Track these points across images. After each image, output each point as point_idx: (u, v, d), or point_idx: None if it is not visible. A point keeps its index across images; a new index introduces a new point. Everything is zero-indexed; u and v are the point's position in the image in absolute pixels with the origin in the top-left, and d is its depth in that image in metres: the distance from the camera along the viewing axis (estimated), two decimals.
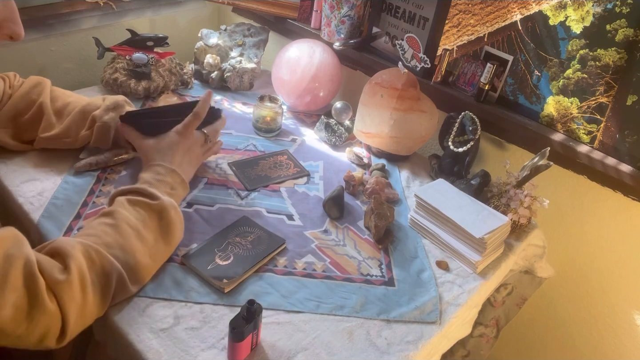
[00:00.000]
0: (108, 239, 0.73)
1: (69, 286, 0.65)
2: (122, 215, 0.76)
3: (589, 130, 1.08)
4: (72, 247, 0.68)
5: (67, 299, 0.64)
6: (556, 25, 1.07)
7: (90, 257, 0.70)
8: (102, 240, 0.73)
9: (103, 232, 0.74)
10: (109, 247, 0.73)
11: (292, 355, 0.73)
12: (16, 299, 0.60)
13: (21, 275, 0.61)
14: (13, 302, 0.60)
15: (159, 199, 0.81)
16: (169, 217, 0.81)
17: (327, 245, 0.95)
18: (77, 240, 0.71)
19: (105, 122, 1.01)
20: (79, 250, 0.69)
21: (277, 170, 1.14)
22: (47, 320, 0.63)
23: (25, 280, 0.61)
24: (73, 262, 0.67)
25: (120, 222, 0.76)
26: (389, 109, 1.15)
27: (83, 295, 0.67)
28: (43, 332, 0.63)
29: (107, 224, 0.75)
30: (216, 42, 1.47)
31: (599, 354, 1.25)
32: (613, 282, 1.17)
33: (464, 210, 0.98)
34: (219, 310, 0.78)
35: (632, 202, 1.07)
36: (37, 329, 0.62)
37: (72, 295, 0.65)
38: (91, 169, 1.02)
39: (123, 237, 0.74)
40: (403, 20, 1.29)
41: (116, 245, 0.73)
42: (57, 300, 0.64)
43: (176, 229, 0.82)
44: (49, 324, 0.63)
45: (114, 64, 1.33)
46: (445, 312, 0.85)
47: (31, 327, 0.62)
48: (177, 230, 0.83)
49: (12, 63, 1.33)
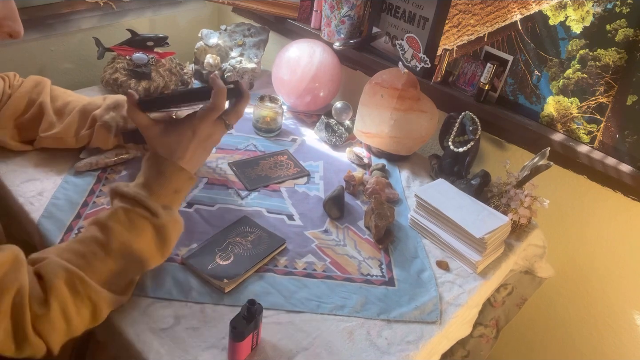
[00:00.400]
0: (97, 263, 0.69)
1: (48, 320, 0.63)
2: (115, 231, 0.71)
3: (589, 130, 1.08)
4: (54, 275, 0.64)
5: (48, 332, 0.63)
6: (556, 25, 1.08)
7: (73, 287, 0.66)
8: (89, 265, 0.68)
9: (92, 254, 0.69)
10: (97, 273, 0.68)
11: (292, 355, 0.73)
12: (5, 327, 0.60)
13: (10, 304, 0.60)
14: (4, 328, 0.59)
15: (158, 216, 0.74)
16: (167, 234, 0.75)
17: (328, 245, 0.95)
18: (62, 264, 0.66)
19: (105, 122, 1.00)
20: (62, 279, 0.65)
21: (277, 170, 1.14)
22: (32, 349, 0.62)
23: (12, 311, 0.60)
24: (53, 295, 0.63)
25: (111, 239, 0.70)
26: (389, 109, 1.15)
27: (67, 323, 0.65)
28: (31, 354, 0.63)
29: (98, 243, 0.70)
30: (216, 42, 1.47)
31: (599, 354, 1.25)
32: (613, 282, 1.17)
33: (464, 210, 0.98)
34: (220, 310, 0.78)
35: (632, 202, 1.07)
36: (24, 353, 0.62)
37: (52, 328, 0.63)
38: (91, 169, 1.02)
39: (113, 258, 0.70)
40: (403, 20, 1.29)
41: (104, 269, 0.69)
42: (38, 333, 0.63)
43: (173, 242, 0.77)
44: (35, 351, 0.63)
45: (114, 64, 1.33)
46: (445, 312, 0.85)
47: (18, 352, 0.62)
48: (174, 242, 0.78)
49: (12, 63, 1.33)
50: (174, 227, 0.76)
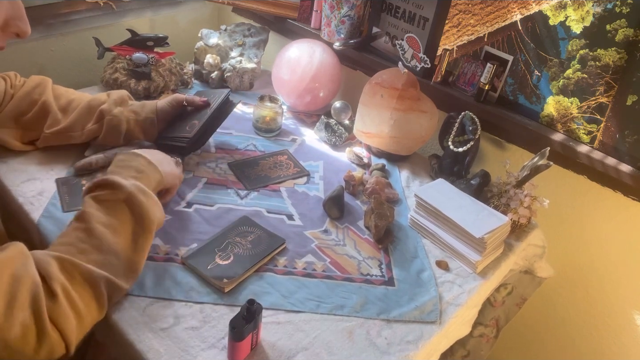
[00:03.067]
0: (83, 245, 0.71)
1: (60, 308, 0.64)
2: (92, 216, 0.73)
3: (589, 130, 1.08)
4: (48, 264, 0.66)
5: (63, 321, 0.64)
6: (556, 25, 1.07)
7: (68, 272, 0.67)
8: (77, 249, 0.70)
9: (77, 238, 0.71)
10: (86, 254, 0.70)
11: (292, 355, 0.73)
12: (24, 319, 0.60)
13: (29, 296, 0.61)
14: (21, 321, 0.60)
15: (123, 187, 0.76)
16: (139, 202, 0.76)
17: (327, 245, 0.95)
18: (51, 254, 0.68)
19: (115, 116, 1.02)
20: (56, 267, 0.66)
21: (277, 170, 1.14)
22: (51, 342, 0.63)
23: (32, 302, 0.61)
24: (56, 283, 0.65)
25: (91, 224, 0.72)
26: (389, 109, 1.15)
27: (75, 311, 0.66)
28: (49, 351, 0.63)
29: (80, 229, 0.72)
30: (216, 42, 1.47)
31: (599, 354, 1.25)
32: (613, 282, 1.17)
33: (464, 210, 0.98)
34: (219, 310, 0.78)
35: (632, 202, 1.07)
36: (44, 349, 0.62)
37: (65, 317, 0.64)
38: (91, 169, 1.02)
39: (98, 238, 0.71)
40: (403, 20, 1.29)
41: (93, 250, 0.71)
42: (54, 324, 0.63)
43: (149, 211, 0.77)
44: (54, 346, 0.63)
45: (114, 64, 1.33)
46: (445, 312, 0.85)
47: (38, 346, 0.62)
48: (152, 212, 0.78)
49: (13, 63, 1.33)
50: (145, 195, 0.78)
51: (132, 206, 0.76)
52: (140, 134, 1.06)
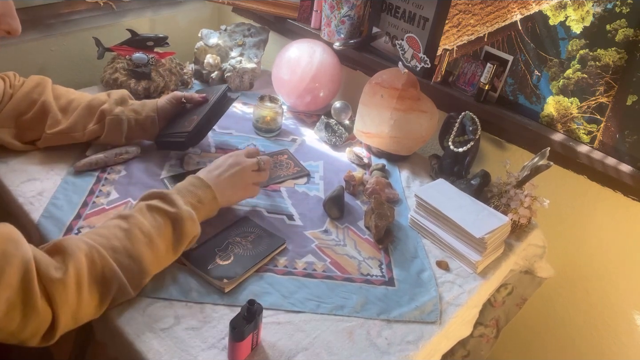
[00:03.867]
0: (116, 243, 0.73)
1: (63, 285, 0.64)
2: (137, 221, 0.76)
3: (589, 130, 1.08)
4: (77, 246, 0.68)
5: (60, 299, 0.64)
6: (556, 25, 1.07)
7: (92, 259, 0.69)
8: (110, 244, 0.72)
9: (113, 235, 0.74)
10: (115, 252, 0.72)
11: (292, 355, 0.73)
12: (10, 296, 0.60)
13: (18, 273, 0.61)
14: (6, 298, 0.60)
15: (178, 208, 0.79)
16: (184, 228, 0.79)
17: (327, 245, 0.95)
18: (84, 240, 0.71)
19: (117, 115, 1.02)
20: (83, 250, 0.68)
21: (277, 170, 1.14)
22: (38, 319, 0.63)
23: (22, 278, 0.61)
24: (72, 262, 0.66)
25: (133, 227, 0.75)
26: (389, 109, 1.15)
27: (78, 296, 0.66)
28: (34, 329, 0.63)
29: (120, 228, 0.75)
30: (216, 42, 1.47)
31: (599, 354, 1.25)
32: (613, 282, 1.17)
33: (464, 210, 0.98)
34: (219, 310, 0.78)
35: (632, 202, 1.07)
36: (29, 327, 0.63)
37: (65, 296, 0.65)
38: (91, 169, 1.02)
39: (132, 243, 0.74)
40: (403, 20, 1.29)
41: (123, 250, 0.73)
42: (49, 299, 0.64)
43: (188, 239, 0.80)
44: (40, 322, 0.64)
45: (114, 64, 1.33)
46: (445, 312, 0.85)
47: (22, 324, 0.62)
48: (188, 240, 0.81)
49: (12, 63, 1.33)
50: (192, 224, 0.80)
51: (175, 227, 0.78)
52: (141, 133, 1.07)
